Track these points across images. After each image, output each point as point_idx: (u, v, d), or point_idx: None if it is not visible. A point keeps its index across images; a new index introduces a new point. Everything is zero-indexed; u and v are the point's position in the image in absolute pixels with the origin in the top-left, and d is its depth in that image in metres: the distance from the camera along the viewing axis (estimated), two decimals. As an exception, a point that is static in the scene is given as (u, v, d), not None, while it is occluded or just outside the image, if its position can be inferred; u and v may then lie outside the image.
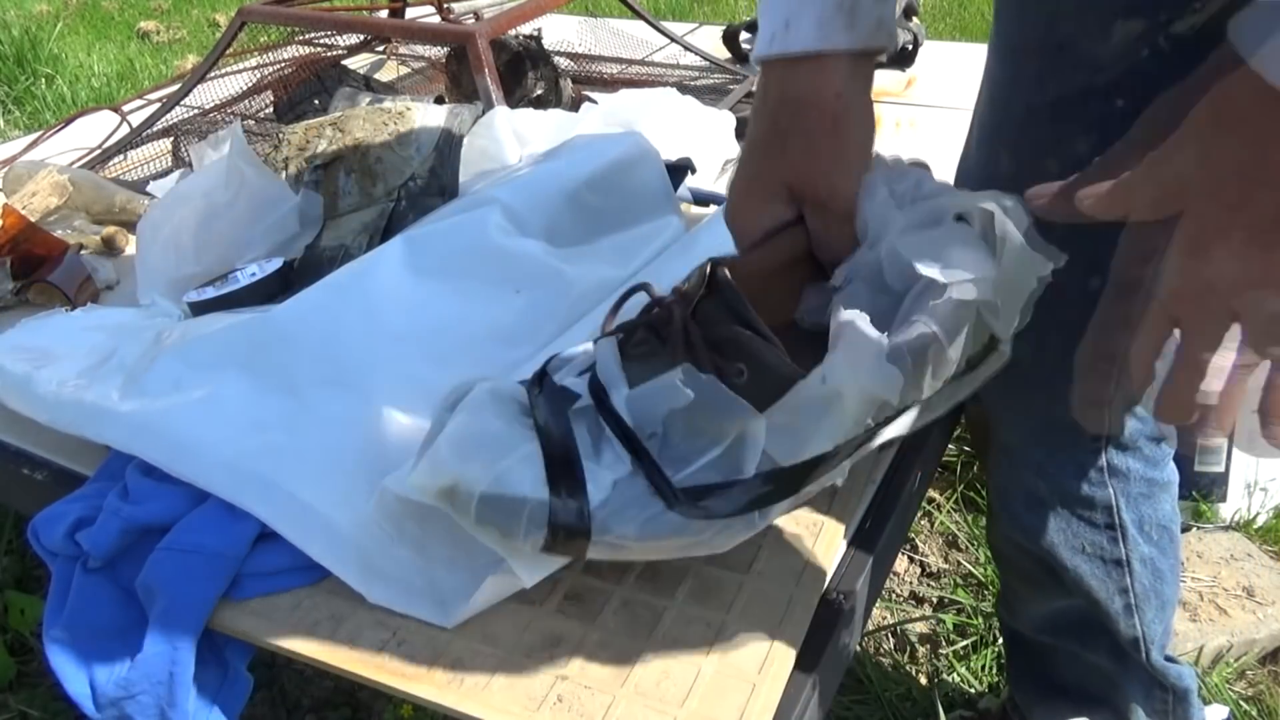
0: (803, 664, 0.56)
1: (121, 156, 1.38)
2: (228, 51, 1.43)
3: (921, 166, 0.56)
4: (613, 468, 0.51)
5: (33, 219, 1.07)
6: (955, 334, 0.49)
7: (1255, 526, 1.18)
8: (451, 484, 0.51)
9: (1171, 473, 0.74)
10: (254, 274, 0.89)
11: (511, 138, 1.03)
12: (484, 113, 1.05)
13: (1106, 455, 0.71)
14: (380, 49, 1.70)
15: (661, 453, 0.51)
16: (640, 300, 0.59)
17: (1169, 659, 0.79)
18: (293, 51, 1.51)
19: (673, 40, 1.63)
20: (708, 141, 1.17)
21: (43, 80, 2.72)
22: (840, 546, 0.63)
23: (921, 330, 0.48)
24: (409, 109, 0.98)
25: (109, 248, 1.11)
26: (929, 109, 1.37)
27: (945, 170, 0.62)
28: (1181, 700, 0.80)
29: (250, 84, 1.48)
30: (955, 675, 1.06)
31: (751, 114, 0.57)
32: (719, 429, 0.50)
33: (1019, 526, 0.76)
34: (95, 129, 1.46)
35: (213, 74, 1.45)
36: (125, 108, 1.50)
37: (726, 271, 0.54)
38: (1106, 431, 0.69)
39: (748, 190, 0.56)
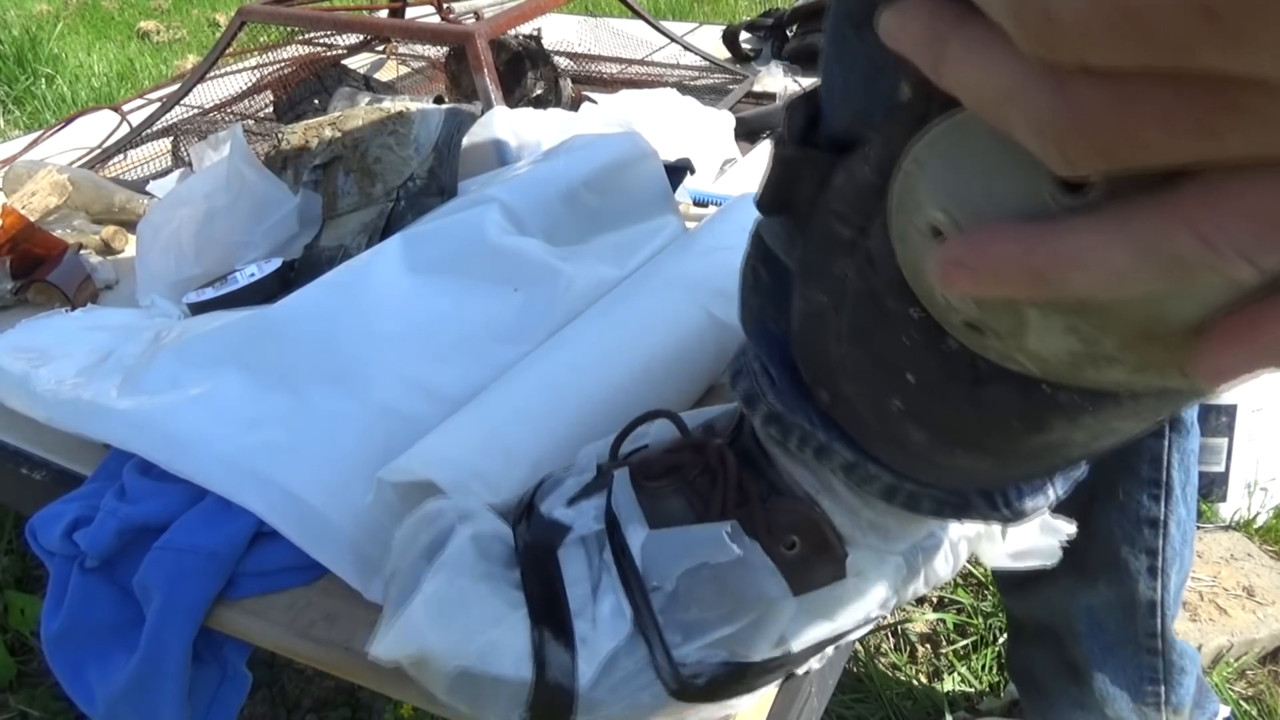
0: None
1: (121, 156, 1.38)
2: (228, 51, 1.43)
3: None
4: (610, 629, 0.46)
5: (32, 219, 1.07)
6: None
7: (1255, 526, 1.18)
8: (422, 655, 0.45)
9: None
10: (253, 274, 0.89)
11: (511, 138, 1.03)
12: (483, 113, 1.05)
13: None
14: (380, 49, 1.71)
15: (667, 613, 0.46)
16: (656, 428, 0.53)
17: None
18: (293, 51, 1.51)
19: (673, 40, 1.63)
20: (707, 142, 1.17)
21: (43, 80, 2.72)
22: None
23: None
24: (408, 109, 0.98)
25: (108, 248, 1.11)
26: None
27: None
28: (1174, 688, 0.78)
29: (250, 84, 1.48)
30: (956, 675, 1.06)
31: None
32: (743, 604, 0.45)
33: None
34: (95, 129, 1.46)
35: (213, 74, 1.45)
36: (125, 107, 1.50)
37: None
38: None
39: None
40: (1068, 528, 0.51)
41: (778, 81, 1.44)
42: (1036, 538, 0.51)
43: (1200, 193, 0.19)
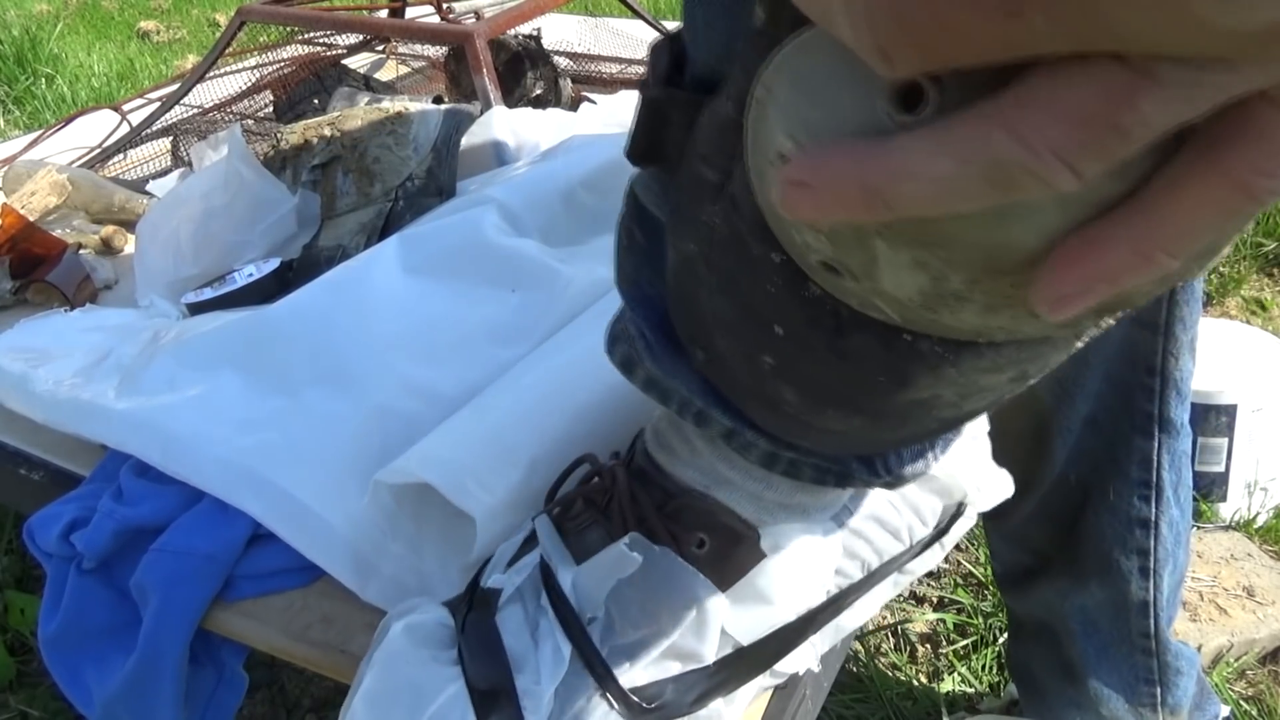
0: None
1: (121, 156, 1.38)
2: (227, 51, 1.43)
3: None
4: (551, 671, 0.45)
5: (32, 218, 1.07)
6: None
7: (1255, 526, 1.18)
8: None
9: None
10: (251, 274, 0.89)
11: (510, 138, 1.03)
12: (482, 113, 1.05)
13: (1162, 398, 0.67)
14: (380, 49, 1.70)
15: (604, 640, 0.46)
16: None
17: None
18: (292, 51, 1.51)
19: (672, 39, 1.63)
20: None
21: (43, 80, 2.72)
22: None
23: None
24: (407, 109, 0.98)
25: (108, 247, 1.11)
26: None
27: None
28: (1171, 689, 0.78)
29: (250, 84, 1.48)
30: (956, 675, 1.06)
31: None
32: (673, 611, 0.45)
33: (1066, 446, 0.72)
34: (95, 128, 1.47)
35: (212, 73, 1.45)
36: (125, 107, 1.50)
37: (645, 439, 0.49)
38: None
39: None
40: (983, 430, 0.50)
41: (777, 81, 1.44)
42: (987, 471, 0.51)
43: (1018, 94, 0.19)
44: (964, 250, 0.24)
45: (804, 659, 0.50)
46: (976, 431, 0.52)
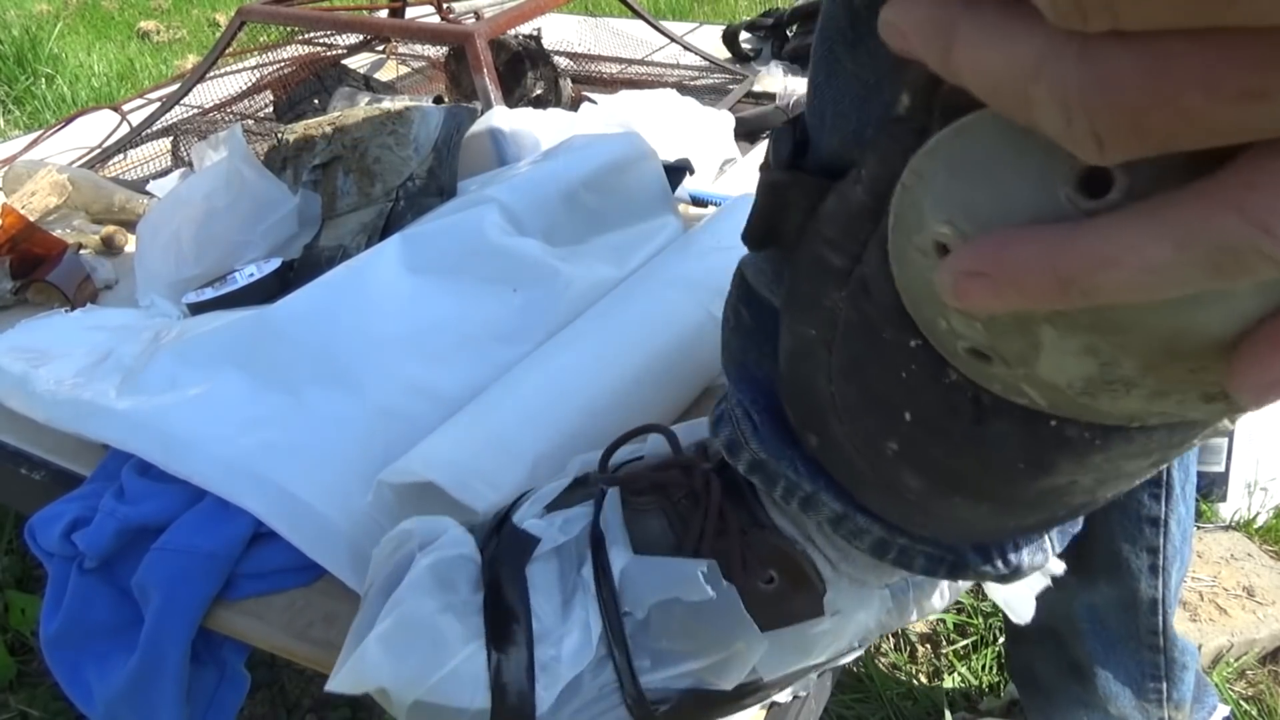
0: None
1: (121, 156, 1.38)
2: (227, 51, 1.43)
3: None
4: (575, 653, 0.45)
5: (32, 218, 1.07)
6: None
7: (1255, 526, 1.18)
8: (379, 689, 0.44)
9: None
10: (252, 274, 0.89)
11: (510, 138, 1.03)
12: (483, 112, 1.05)
13: None
14: (380, 49, 1.71)
15: (636, 640, 0.45)
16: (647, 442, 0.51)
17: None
18: (292, 51, 1.51)
19: (673, 40, 1.63)
20: (707, 142, 1.17)
21: (43, 80, 2.72)
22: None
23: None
24: (408, 109, 0.98)
25: (108, 247, 1.11)
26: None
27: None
28: (1176, 684, 0.78)
29: (250, 84, 1.48)
30: (956, 675, 1.06)
31: None
32: (714, 642, 0.44)
33: None
34: (95, 128, 1.47)
35: (212, 73, 1.45)
36: (125, 107, 1.50)
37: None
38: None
39: None
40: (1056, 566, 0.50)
41: (778, 81, 1.45)
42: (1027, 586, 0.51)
43: (1245, 174, 0.17)
44: (1144, 336, 0.23)
45: (800, 687, 0.51)
46: None
